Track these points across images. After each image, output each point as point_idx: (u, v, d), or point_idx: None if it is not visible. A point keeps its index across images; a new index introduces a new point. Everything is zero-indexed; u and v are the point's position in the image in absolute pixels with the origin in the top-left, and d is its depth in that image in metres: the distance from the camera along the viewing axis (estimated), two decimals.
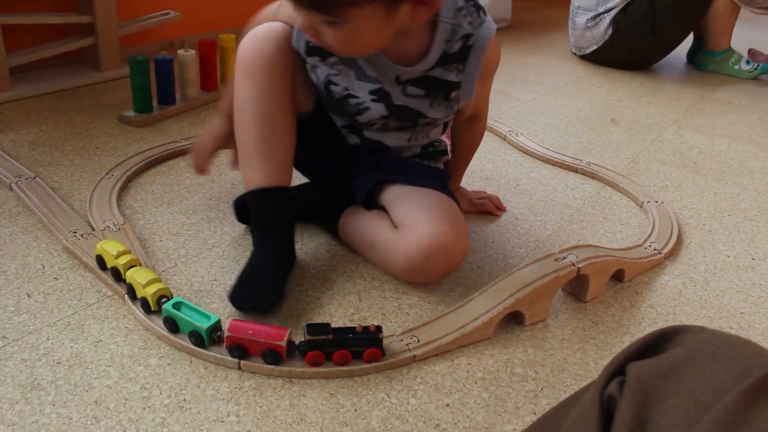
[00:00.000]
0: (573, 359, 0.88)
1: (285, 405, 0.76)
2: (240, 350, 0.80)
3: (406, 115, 0.99)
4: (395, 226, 0.98)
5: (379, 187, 1.03)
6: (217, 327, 0.83)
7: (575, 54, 2.61)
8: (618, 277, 1.06)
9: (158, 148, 1.40)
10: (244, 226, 1.13)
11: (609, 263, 1.00)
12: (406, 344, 0.84)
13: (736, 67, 2.50)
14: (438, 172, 1.11)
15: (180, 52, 1.65)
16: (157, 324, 0.85)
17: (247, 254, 1.04)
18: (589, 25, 2.42)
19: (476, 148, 1.19)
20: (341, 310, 0.93)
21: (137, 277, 0.88)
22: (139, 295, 0.89)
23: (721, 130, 1.88)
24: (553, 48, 2.77)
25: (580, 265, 0.94)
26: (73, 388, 0.76)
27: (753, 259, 1.17)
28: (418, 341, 0.85)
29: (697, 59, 2.59)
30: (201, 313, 0.83)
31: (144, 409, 0.74)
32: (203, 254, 1.05)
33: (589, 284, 0.98)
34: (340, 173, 1.09)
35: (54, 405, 0.73)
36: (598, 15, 2.39)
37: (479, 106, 1.10)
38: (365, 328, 0.81)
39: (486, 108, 1.13)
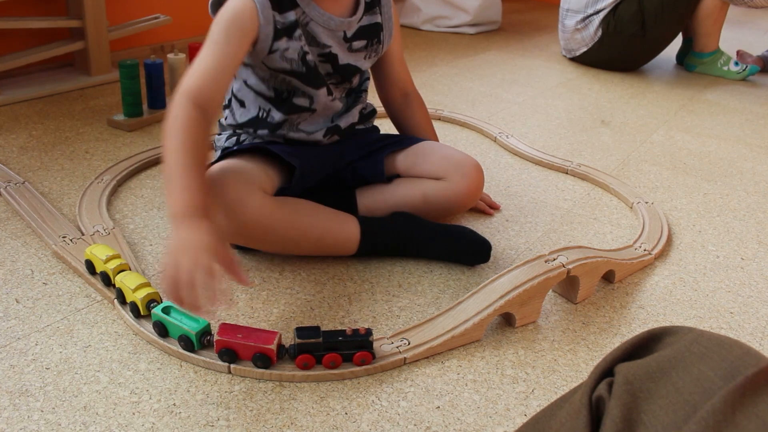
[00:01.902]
0: (564, 360, 0.88)
1: (275, 409, 0.76)
2: (230, 354, 0.80)
3: (348, 72, 1.08)
4: (432, 178, 1.12)
5: (384, 163, 1.14)
6: (206, 331, 0.82)
7: (566, 56, 2.62)
8: (608, 278, 1.06)
9: (148, 152, 1.40)
10: None
11: (599, 264, 1.00)
12: (397, 347, 0.84)
13: (725, 68, 2.51)
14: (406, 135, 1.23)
15: (170, 55, 1.64)
16: (147, 328, 0.85)
17: (238, 258, 1.04)
18: (579, 27, 2.43)
19: (429, 119, 1.27)
20: (332, 313, 0.93)
21: (126, 281, 0.88)
22: (128, 299, 0.88)
23: (711, 131, 1.89)
24: (543, 50, 2.78)
25: (570, 267, 0.95)
26: (61, 394, 0.76)
27: (742, 259, 1.18)
28: (409, 344, 0.85)
29: (685, 61, 2.60)
30: (190, 317, 0.83)
31: (133, 414, 0.74)
32: None
33: (579, 285, 0.98)
34: (335, 188, 1.14)
35: (42, 411, 0.73)
36: (588, 17, 2.39)
37: (403, 76, 1.21)
38: (355, 331, 0.81)
39: (410, 80, 1.24)
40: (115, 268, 0.92)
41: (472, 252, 1.07)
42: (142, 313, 0.87)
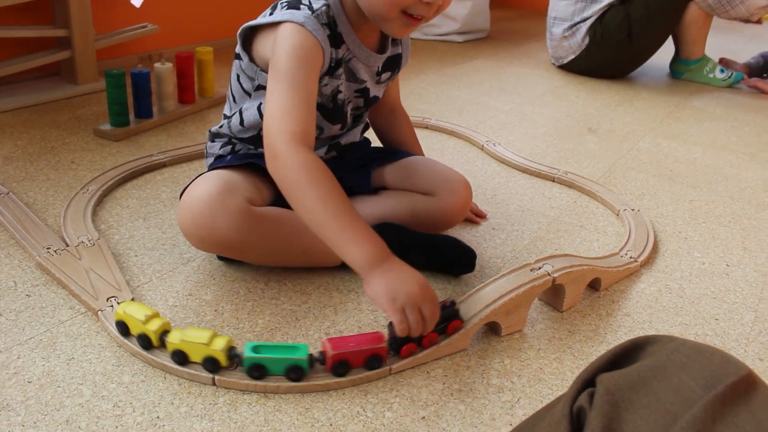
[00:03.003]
0: (549, 369, 0.88)
1: (259, 421, 0.75)
2: (344, 366, 0.80)
3: (372, 102, 1.11)
4: (419, 193, 1.12)
5: (371, 175, 1.14)
6: (308, 352, 0.80)
7: (554, 64, 2.63)
8: (594, 285, 1.07)
9: (135, 161, 1.40)
10: None
11: (585, 272, 1.00)
12: None
13: (711, 75, 2.53)
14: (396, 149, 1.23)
15: (156, 65, 1.64)
16: (132, 341, 0.84)
17: (223, 268, 1.04)
18: (566, 35, 2.44)
19: (415, 133, 1.28)
20: (317, 324, 0.93)
21: (189, 337, 0.80)
22: (199, 356, 0.80)
23: (697, 138, 1.90)
24: (530, 58, 2.79)
25: (556, 275, 0.95)
26: (43, 408, 0.75)
27: (727, 265, 1.18)
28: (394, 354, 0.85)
29: (672, 68, 2.62)
30: (285, 347, 0.80)
31: (116, 427, 0.73)
32: (179, 269, 1.04)
33: (565, 294, 0.99)
34: None
35: (24, 426, 0.72)
36: (575, 24, 2.41)
37: (395, 93, 1.23)
38: (441, 305, 0.83)
39: (399, 96, 1.25)
40: (157, 329, 0.82)
41: (457, 261, 1.07)
42: (223, 365, 0.80)
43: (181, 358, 0.81)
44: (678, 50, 2.56)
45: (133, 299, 0.93)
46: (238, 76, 1.05)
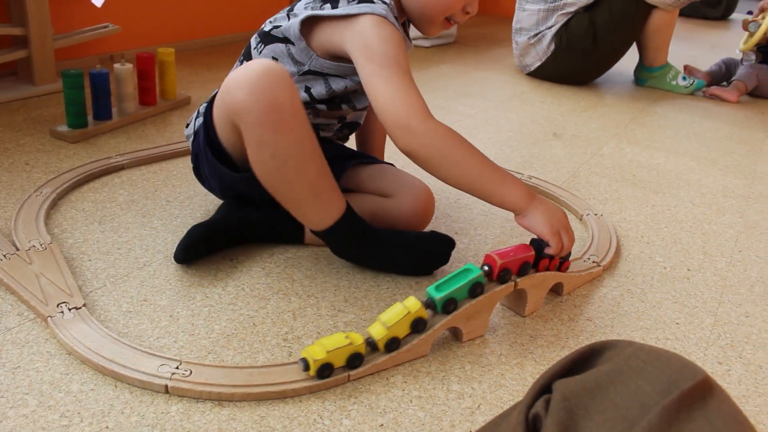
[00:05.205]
0: (511, 375, 0.87)
1: (213, 429, 0.73)
2: (507, 273, 0.92)
3: None
4: (381, 195, 1.14)
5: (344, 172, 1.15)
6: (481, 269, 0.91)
7: (521, 71, 2.64)
8: (557, 290, 1.06)
9: (92, 164, 1.36)
10: (176, 243, 1.09)
11: (547, 277, 0.99)
12: None
13: (674, 82, 2.56)
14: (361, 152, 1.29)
15: (116, 65, 1.60)
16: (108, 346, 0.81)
17: (180, 273, 1.02)
18: (532, 42, 2.46)
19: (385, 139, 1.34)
20: (275, 330, 0.91)
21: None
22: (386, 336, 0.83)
23: (660, 143, 1.92)
24: (497, 63, 2.80)
25: (518, 280, 0.94)
26: None
27: (688, 269, 1.19)
28: None
29: (636, 75, 2.65)
30: (457, 275, 0.88)
31: None
32: (134, 273, 1.01)
33: (527, 298, 0.98)
34: None
35: None
36: (540, 32, 2.42)
37: None
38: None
39: None
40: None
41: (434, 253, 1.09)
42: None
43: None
44: (642, 57, 2.59)
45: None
46: (275, 60, 1.05)
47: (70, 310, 0.88)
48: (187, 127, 1.16)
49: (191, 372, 0.79)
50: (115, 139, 1.53)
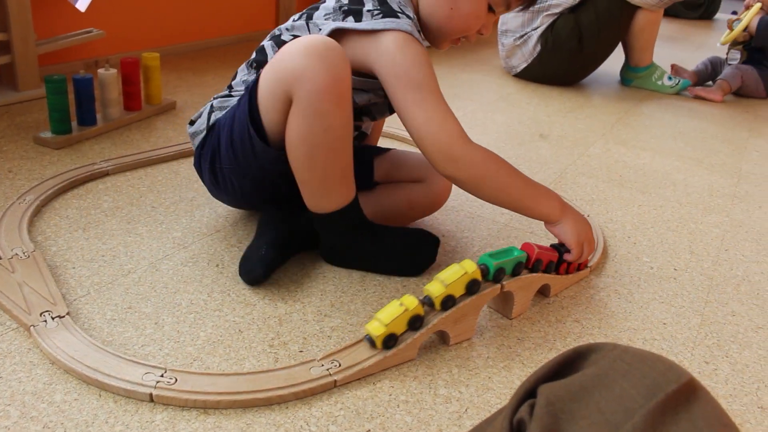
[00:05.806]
0: (498, 378, 0.87)
1: None
2: (539, 264, 0.98)
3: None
4: (415, 182, 1.18)
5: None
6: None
7: (508, 73, 2.64)
8: (544, 292, 1.06)
9: (76, 170, 1.35)
10: (162, 249, 1.09)
11: (533, 279, 0.99)
12: (327, 369, 0.82)
13: (659, 82, 2.58)
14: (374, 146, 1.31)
15: (100, 71, 1.59)
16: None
17: (165, 279, 1.01)
18: (518, 43, 2.46)
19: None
20: (261, 336, 0.90)
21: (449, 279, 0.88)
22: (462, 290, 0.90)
23: (646, 144, 1.92)
24: (484, 64, 2.80)
25: (504, 282, 0.94)
26: None
27: (675, 269, 1.19)
28: (340, 365, 0.83)
29: (622, 75, 2.66)
30: (503, 252, 0.95)
31: None
32: (118, 281, 1.00)
33: (514, 301, 0.98)
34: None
35: None
36: (525, 34, 2.43)
37: None
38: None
39: None
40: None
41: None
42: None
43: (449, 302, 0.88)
44: (627, 58, 2.60)
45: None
46: None
47: (53, 318, 0.87)
48: (191, 124, 1.11)
49: (176, 380, 0.79)
50: (100, 145, 1.52)
